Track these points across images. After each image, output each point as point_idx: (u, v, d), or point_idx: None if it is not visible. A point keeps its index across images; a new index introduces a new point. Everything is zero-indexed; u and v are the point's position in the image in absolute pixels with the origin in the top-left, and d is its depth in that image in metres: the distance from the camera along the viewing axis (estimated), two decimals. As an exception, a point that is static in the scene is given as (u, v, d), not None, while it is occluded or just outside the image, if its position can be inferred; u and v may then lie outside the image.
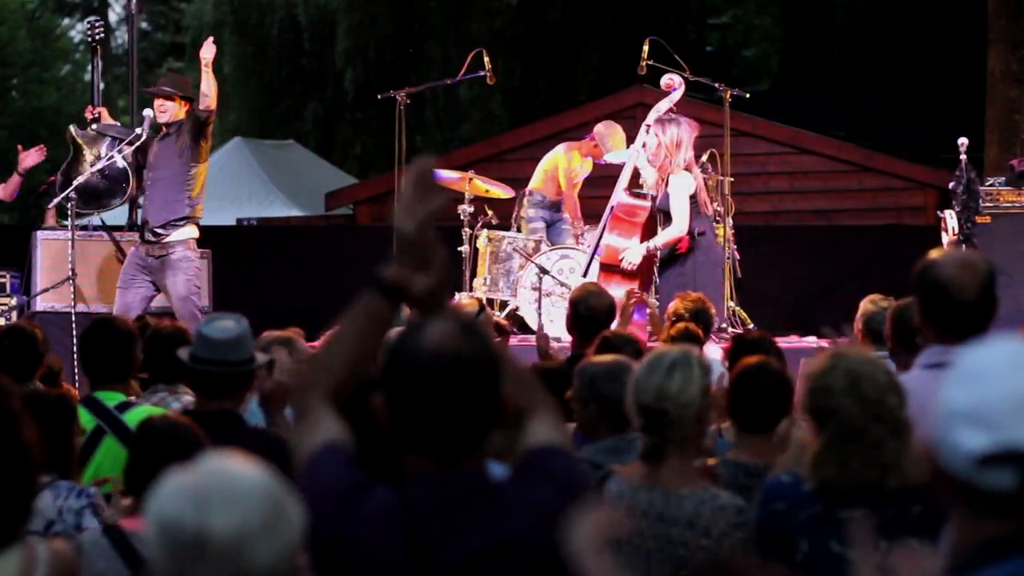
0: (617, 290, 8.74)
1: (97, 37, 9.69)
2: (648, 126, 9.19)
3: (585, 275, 9.55)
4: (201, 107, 9.08)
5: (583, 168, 10.98)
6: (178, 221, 9.11)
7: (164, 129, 9.20)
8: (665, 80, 9.55)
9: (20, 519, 2.59)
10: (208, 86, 9.09)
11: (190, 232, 9.15)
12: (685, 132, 8.73)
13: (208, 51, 9.15)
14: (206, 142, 9.23)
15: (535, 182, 10.94)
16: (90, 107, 9.63)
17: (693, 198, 8.74)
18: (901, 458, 3.33)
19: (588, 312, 6.35)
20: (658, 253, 8.94)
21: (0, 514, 2.53)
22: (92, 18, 9.60)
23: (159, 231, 9.08)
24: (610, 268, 9.07)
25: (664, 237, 8.82)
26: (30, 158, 9.42)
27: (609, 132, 10.87)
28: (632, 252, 8.94)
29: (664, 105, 9.34)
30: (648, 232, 9.02)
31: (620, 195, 9.28)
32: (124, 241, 10.01)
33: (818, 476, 3.35)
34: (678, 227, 8.74)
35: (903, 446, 3.34)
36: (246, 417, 4.86)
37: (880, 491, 3.31)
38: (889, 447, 3.32)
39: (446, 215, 11.86)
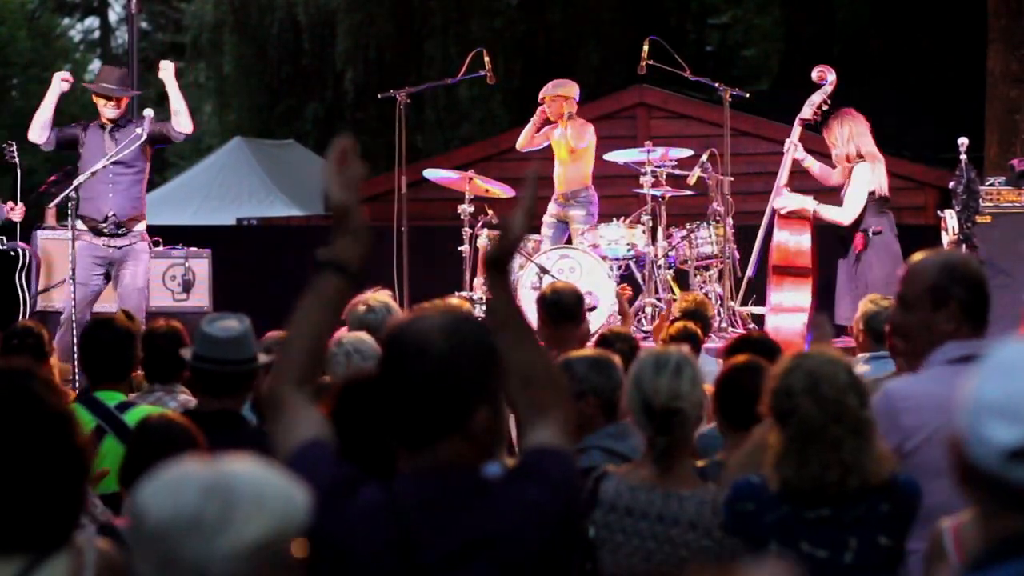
0: (789, 293, 8.74)
1: (13, 159, 9.62)
2: (803, 120, 9.19)
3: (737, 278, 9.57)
4: (178, 129, 9.14)
5: (562, 135, 10.51)
6: (139, 217, 9.30)
7: (109, 123, 9.23)
8: (816, 72, 9.48)
9: (71, 522, 2.61)
10: (179, 102, 9.10)
11: (144, 226, 9.36)
12: (862, 124, 8.62)
13: (167, 72, 9.15)
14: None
15: None
16: (11, 204, 9.62)
17: (873, 194, 8.58)
18: (863, 458, 3.33)
19: (555, 297, 6.29)
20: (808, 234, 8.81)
21: (53, 517, 2.55)
22: (7, 144, 9.65)
23: (124, 225, 9.16)
24: (783, 270, 8.97)
25: (827, 212, 8.71)
26: (15, 214, 9.54)
27: (554, 86, 10.65)
28: (786, 199, 8.84)
29: (817, 98, 9.29)
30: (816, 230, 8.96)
31: (783, 194, 9.20)
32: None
33: (779, 477, 3.36)
34: (844, 212, 8.62)
35: (865, 446, 3.34)
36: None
37: (842, 491, 3.32)
38: (849, 447, 3.32)
39: (446, 215, 11.81)
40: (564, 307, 6.24)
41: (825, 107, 9.31)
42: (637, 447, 3.95)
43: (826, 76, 9.35)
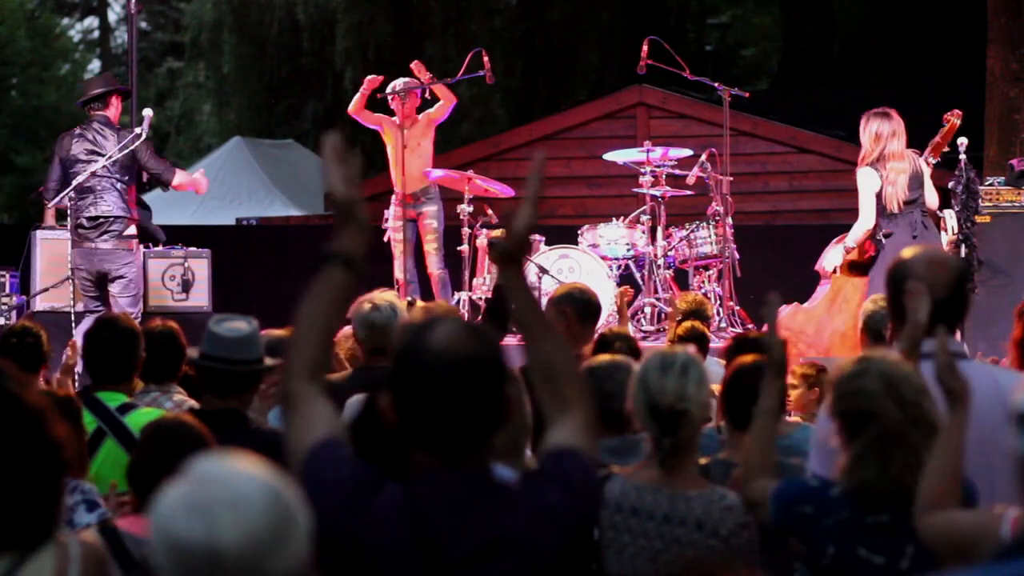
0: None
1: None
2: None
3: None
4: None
5: (398, 137, 10.50)
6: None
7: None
8: (946, 115, 9.09)
9: (52, 518, 2.61)
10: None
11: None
12: (886, 126, 8.42)
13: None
14: None
15: None
16: None
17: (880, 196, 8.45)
18: None
19: (585, 297, 6.32)
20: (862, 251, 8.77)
21: (32, 513, 2.55)
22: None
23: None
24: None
25: (852, 235, 8.68)
26: None
27: (407, 83, 10.59)
28: (831, 255, 8.85)
29: (938, 138, 8.97)
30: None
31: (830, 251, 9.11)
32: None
33: (855, 480, 3.31)
34: (861, 223, 8.57)
35: None
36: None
37: (911, 495, 3.29)
38: (926, 449, 3.30)
39: (446, 215, 11.79)
40: (593, 306, 6.29)
41: (945, 149, 9.08)
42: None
43: (949, 119, 8.97)
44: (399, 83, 10.58)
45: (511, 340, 8.91)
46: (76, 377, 6.61)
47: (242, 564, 2.06)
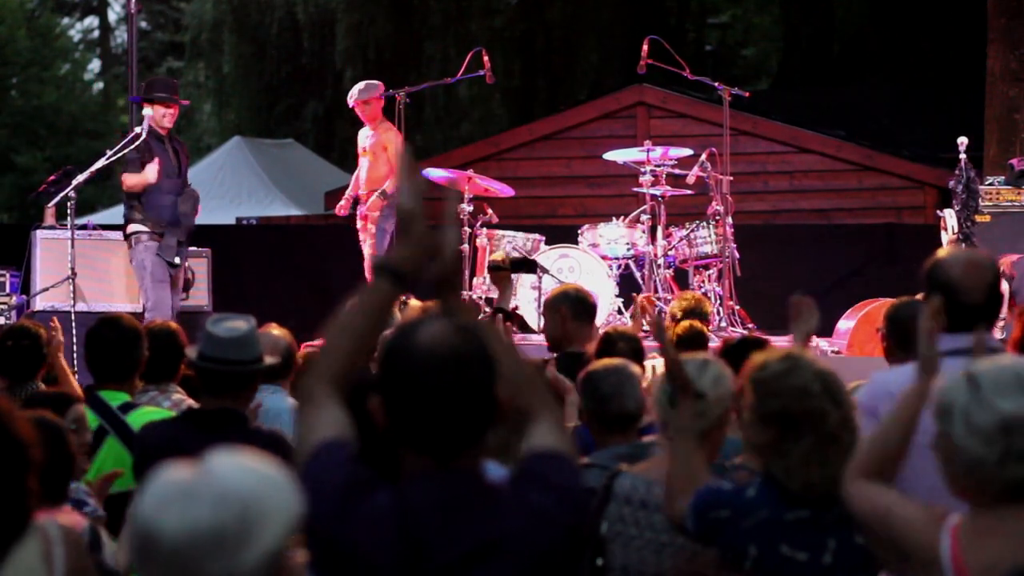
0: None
1: None
2: None
3: None
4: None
5: (362, 139, 10.53)
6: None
7: (166, 132, 9.33)
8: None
9: (26, 511, 2.66)
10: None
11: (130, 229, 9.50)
12: None
13: None
14: None
15: None
16: None
17: None
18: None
19: (581, 296, 6.34)
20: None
21: (9, 507, 2.59)
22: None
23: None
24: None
25: None
26: None
27: (368, 88, 10.52)
28: None
29: None
30: None
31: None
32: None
33: (798, 481, 3.30)
34: None
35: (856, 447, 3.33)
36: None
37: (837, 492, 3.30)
38: (853, 451, 3.30)
39: (446, 214, 11.77)
40: (588, 305, 6.31)
41: None
42: None
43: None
44: (359, 88, 10.58)
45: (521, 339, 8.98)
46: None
47: (175, 557, 2.05)
